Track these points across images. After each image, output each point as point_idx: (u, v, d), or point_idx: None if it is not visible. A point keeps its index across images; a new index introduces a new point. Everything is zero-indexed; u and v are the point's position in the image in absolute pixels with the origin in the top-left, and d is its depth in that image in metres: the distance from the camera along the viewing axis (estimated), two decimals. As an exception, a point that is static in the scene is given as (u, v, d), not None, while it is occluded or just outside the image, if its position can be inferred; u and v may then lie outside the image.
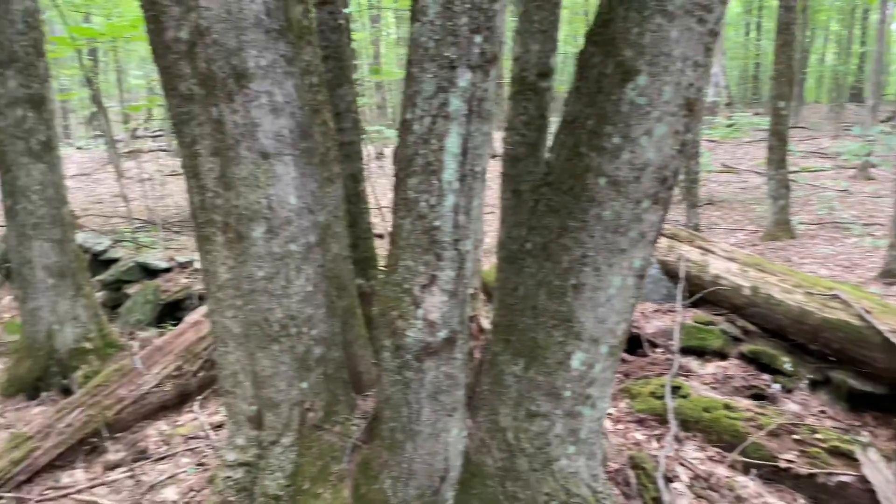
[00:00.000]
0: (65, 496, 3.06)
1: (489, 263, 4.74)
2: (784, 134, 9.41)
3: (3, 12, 3.63)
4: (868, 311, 3.22)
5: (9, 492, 3.06)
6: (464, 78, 1.81)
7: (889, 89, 26.96)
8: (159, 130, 16.44)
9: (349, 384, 2.48)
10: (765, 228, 9.61)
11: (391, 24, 22.91)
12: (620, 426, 3.03)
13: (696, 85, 1.98)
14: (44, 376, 4.11)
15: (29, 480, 3.16)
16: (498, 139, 9.78)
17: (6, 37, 3.66)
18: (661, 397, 3.05)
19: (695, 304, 3.96)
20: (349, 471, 2.28)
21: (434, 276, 1.96)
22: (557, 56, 2.64)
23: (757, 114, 20.02)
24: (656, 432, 2.92)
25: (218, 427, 3.45)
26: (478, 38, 1.79)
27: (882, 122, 15.39)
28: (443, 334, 2.02)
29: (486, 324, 2.71)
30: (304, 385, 2.32)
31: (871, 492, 2.41)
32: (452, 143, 1.87)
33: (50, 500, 3.05)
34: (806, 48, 25.93)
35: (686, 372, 3.42)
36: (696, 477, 2.63)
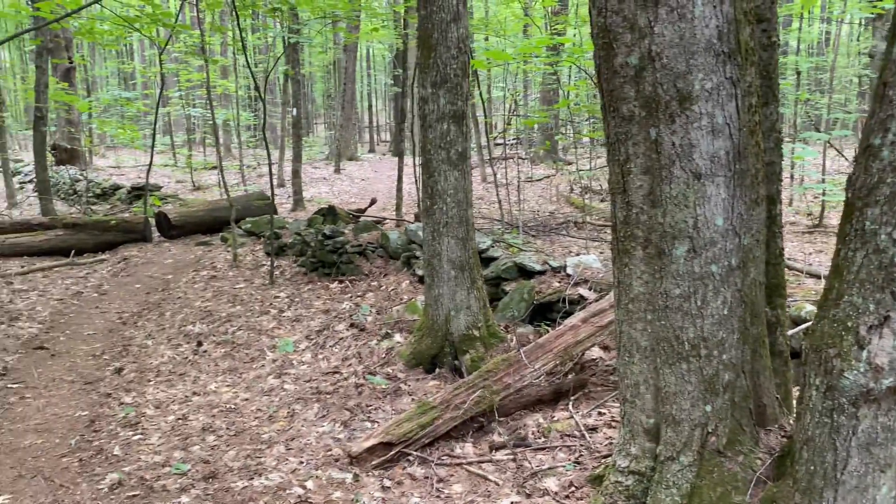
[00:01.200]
0: (459, 465, 3.49)
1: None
2: None
3: (442, 40, 4.25)
4: None
5: (416, 451, 3.59)
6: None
7: None
8: (515, 139, 17.66)
9: (753, 415, 2.39)
10: None
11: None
12: None
13: None
14: (439, 354, 4.72)
15: (430, 444, 3.67)
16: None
17: (442, 61, 4.27)
18: None
19: None
20: (751, 504, 2.20)
21: (887, 316, 1.79)
22: None
23: None
24: None
25: (592, 430, 3.59)
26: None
27: None
28: (888, 382, 1.83)
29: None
30: (709, 408, 2.30)
31: None
32: (931, 172, 1.68)
33: (447, 465, 3.50)
34: None
35: None
36: None
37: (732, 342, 2.27)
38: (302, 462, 3.67)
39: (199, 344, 5.89)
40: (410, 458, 3.58)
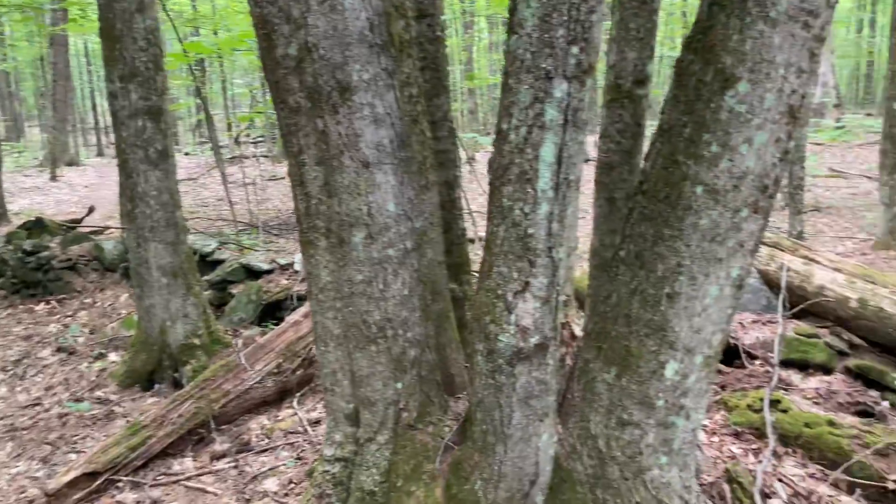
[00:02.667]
0: (176, 482, 3.28)
1: (582, 270, 4.72)
2: (898, 137, 8.85)
3: (126, 31, 3.94)
4: None
5: (126, 475, 3.31)
6: (559, 88, 1.84)
7: None
8: (260, 137, 17.19)
9: (442, 386, 2.55)
10: (876, 237, 9.06)
11: (484, 30, 23.06)
12: (716, 439, 2.96)
13: (800, 91, 1.93)
14: (157, 369, 4.40)
15: (144, 466, 3.40)
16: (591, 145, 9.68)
17: (130, 53, 3.96)
18: (758, 410, 2.95)
19: (796, 316, 3.80)
20: (441, 471, 2.35)
21: (527, 282, 2.00)
22: (654, 59, 2.62)
23: (869, 115, 18.88)
24: (753, 446, 2.84)
25: (315, 423, 3.60)
26: (574, 50, 1.82)
27: None
28: (535, 340, 2.05)
29: (578, 331, 2.71)
30: (399, 385, 2.41)
31: None
32: (547, 152, 1.90)
33: (162, 485, 3.28)
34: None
35: (786, 385, 3.30)
36: (795, 494, 2.54)
37: (415, 320, 2.40)
38: (-14, 512, 3.20)
39: None
40: (120, 484, 3.29)
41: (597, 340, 2.29)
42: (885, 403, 3.19)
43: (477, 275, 2.15)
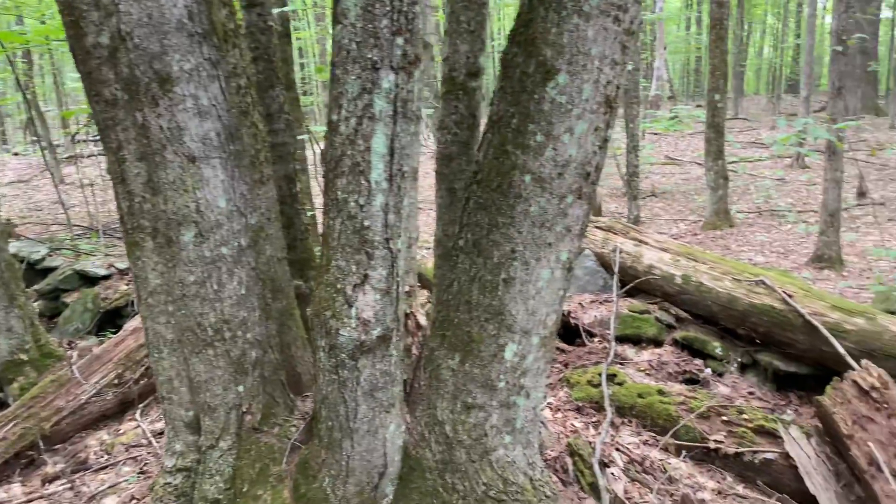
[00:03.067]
0: (1, 512, 3.00)
1: (433, 260, 4.79)
2: (721, 126, 9.70)
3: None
4: (790, 296, 3.38)
5: (-59, 510, 2.98)
6: (387, 79, 1.84)
7: (823, 80, 27.88)
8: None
9: (287, 386, 2.49)
10: (705, 218, 9.89)
11: (335, 22, 22.63)
12: (559, 415, 3.11)
13: (615, 83, 2.05)
14: (-23, 390, 3.99)
15: (-38, 498, 3.08)
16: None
17: (-76, 41, 3.53)
18: (597, 385, 3.14)
19: (631, 294, 4.07)
20: (288, 471, 2.29)
21: (366, 275, 1.99)
22: (486, 51, 2.69)
23: (699, 106, 20.52)
24: (593, 419, 3.01)
25: (160, 434, 3.40)
26: (399, 41, 1.82)
27: (815, 112, 15.96)
28: (377, 332, 2.05)
29: (423, 320, 2.75)
30: (241, 388, 2.33)
31: (794, 467, 2.53)
32: (379, 143, 1.89)
33: (-15, 516, 2.98)
34: (744, 42, 26.65)
35: (622, 359, 3.53)
36: (631, 461, 2.72)
37: (255, 320, 2.32)
38: None
39: None
40: (-66, 521, 2.96)
41: (441, 328, 2.33)
42: (708, 370, 3.49)
43: (317, 271, 2.11)
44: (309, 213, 4.25)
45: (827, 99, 7.97)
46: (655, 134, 19.13)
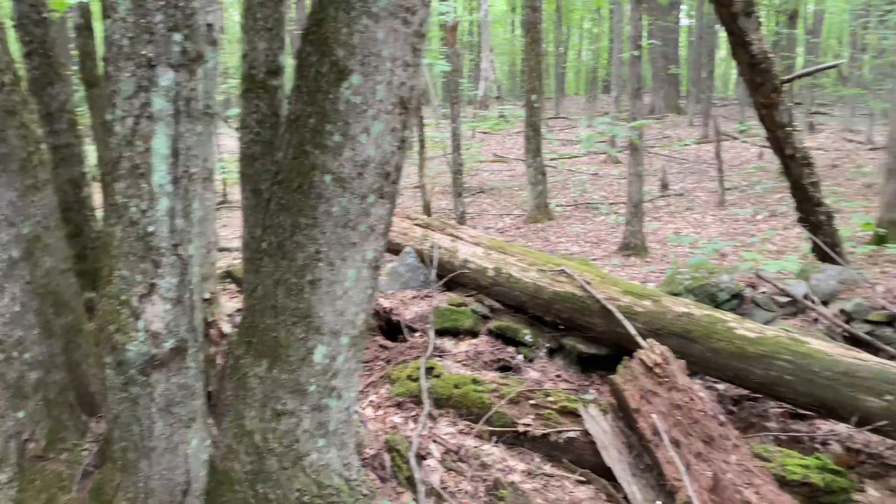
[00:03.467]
0: None
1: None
2: (538, 125, 10.24)
3: None
4: (589, 283, 3.64)
5: None
6: (166, 77, 1.75)
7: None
8: None
9: (78, 407, 2.30)
10: (527, 212, 10.41)
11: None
12: (380, 412, 3.13)
13: (409, 84, 2.09)
14: None
15: None
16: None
17: None
18: (417, 379, 3.20)
19: (450, 288, 4.19)
20: (80, 499, 2.12)
21: (153, 284, 1.88)
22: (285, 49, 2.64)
23: (524, 106, 21.52)
24: (413, 413, 3.06)
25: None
26: (177, 37, 1.73)
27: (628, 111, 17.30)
28: (169, 344, 1.94)
29: (227, 328, 2.65)
30: (21, 414, 2.11)
31: (593, 443, 2.73)
32: (160, 144, 1.79)
33: None
34: (564, 44, 28.35)
35: (442, 352, 3.62)
36: (447, 451, 2.80)
37: (34, 338, 2.12)
38: None
39: None
40: None
41: (247, 335, 2.26)
42: (520, 357, 3.68)
43: (100, 282, 1.96)
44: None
45: (637, 99, 8.67)
46: (485, 133, 19.85)
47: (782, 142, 4.67)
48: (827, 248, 4.87)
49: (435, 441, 2.86)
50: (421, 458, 2.74)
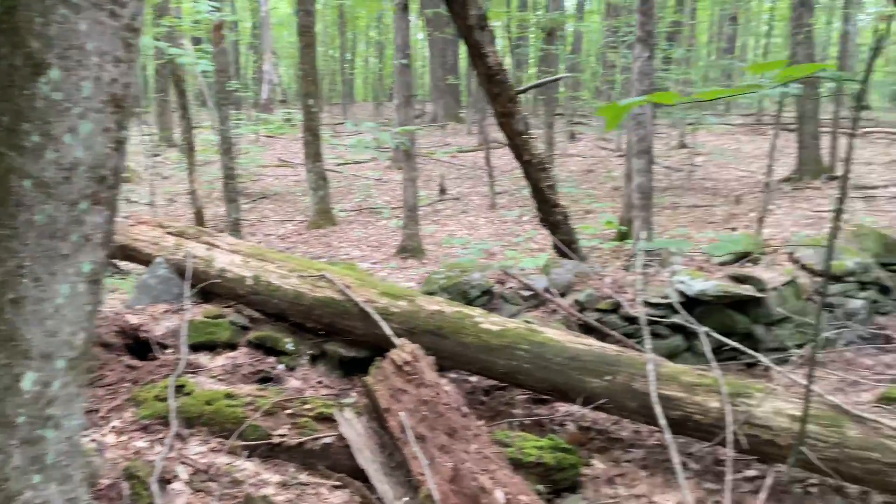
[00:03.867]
0: None
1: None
2: (316, 129, 10.17)
3: None
4: (348, 287, 3.66)
5: None
6: None
7: (420, 90, 31.18)
8: None
9: None
10: (310, 218, 10.30)
11: None
12: (124, 437, 2.88)
13: (122, 81, 1.95)
14: None
15: None
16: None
17: None
18: (165, 399, 2.99)
19: (207, 300, 3.99)
20: None
21: None
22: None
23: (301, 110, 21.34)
24: (160, 436, 2.86)
25: None
26: None
27: (416, 118, 17.75)
28: None
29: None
30: None
31: (348, 447, 2.73)
32: None
33: None
34: (350, 51, 28.46)
35: (196, 368, 3.43)
36: (196, 472, 2.65)
37: None
38: None
39: None
40: None
41: (-61, 366, 1.96)
42: (281, 366, 3.60)
43: None
44: None
45: (407, 107, 8.91)
46: (269, 137, 19.34)
47: (520, 148, 5.04)
48: (563, 246, 5.34)
49: (183, 462, 2.69)
50: (166, 482, 2.56)
